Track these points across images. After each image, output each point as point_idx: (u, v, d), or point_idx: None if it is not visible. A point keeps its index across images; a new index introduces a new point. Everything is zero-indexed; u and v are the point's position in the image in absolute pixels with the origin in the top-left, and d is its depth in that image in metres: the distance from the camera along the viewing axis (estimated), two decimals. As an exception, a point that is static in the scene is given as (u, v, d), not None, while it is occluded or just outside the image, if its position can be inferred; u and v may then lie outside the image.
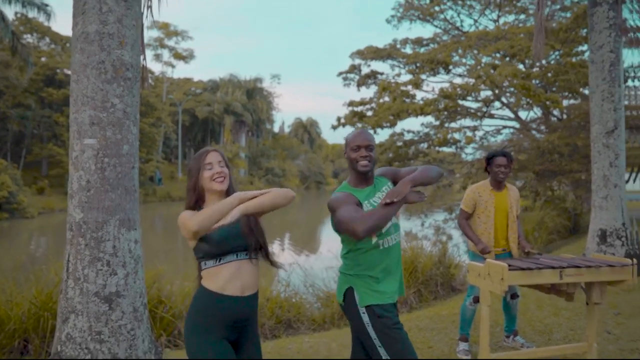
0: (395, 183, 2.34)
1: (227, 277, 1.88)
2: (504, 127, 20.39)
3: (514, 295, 3.70)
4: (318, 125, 65.47)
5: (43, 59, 34.08)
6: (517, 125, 19.65)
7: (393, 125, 18.64)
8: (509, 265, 2.86)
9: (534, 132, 19.16)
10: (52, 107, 33.33)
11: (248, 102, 48.03)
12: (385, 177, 2.35)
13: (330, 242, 7.44)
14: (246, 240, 1.91)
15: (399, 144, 20.20)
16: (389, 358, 2.05)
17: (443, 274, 7.49)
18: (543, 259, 3.19)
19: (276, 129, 61.94)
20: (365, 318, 2.14)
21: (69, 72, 22.78)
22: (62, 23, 76.57)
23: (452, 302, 6.49)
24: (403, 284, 2.32)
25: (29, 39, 33.44)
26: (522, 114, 20.36)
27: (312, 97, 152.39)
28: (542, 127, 19.33)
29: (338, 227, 2.12)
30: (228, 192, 2.01)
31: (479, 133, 19.91)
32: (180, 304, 4.79)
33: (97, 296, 2.39)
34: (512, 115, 20.26)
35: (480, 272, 3.05)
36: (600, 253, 6.48)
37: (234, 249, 1.90)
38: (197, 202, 1.98)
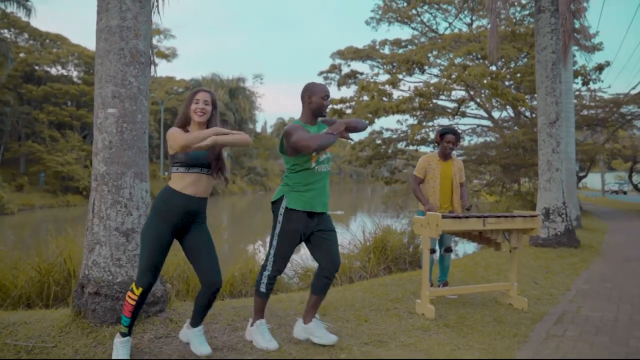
0: None
1: (189, 182, 2.57)
2: (478, 125, 21.45)
3: (448, 249, 4.45)
4: (299, 126, 65.97)
5: (22, 55, 33.67)
6: (491, 124, 20.68)
7: (371, 122, 19.45)
8: (443, 215, 3.62)
9: (506, 130, 20.20)
10: (31, 103, 32.97)
11: (230, 101, 48.33)
12: (325, 124, 3.07)
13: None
14: (209, 161, 2.61)
15: (378, 141, 21.04)
16: (275, 245, 2.89)
17: (412, 253, 8.26)
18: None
19: (258, 128, 62.39)
20: (281, 217, 2.89)
21: (49, 69, 22.80)
22: (42, 18, 75.46)
23: (416, 272, 7.28)
24: (327, 205, 3.01)
25: (6, 34, 32.88)
26: (496, 114, 21.49)
27: (294, 97, 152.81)
28: (515, 127, 20.41)
29: (294, 146, 2.80)
30: (208, 125, 2.65)
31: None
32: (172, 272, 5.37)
33: (117, 231, 3.06)
34: (486, 115, 21.34)
35: (422, 223, 3.80)
36: (544, 229, 7.38)
37: (200, 164, 2.58)
38: (184, 125, 2.64)
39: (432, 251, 4.33)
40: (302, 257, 7.48)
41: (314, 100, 2.95)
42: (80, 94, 33.50)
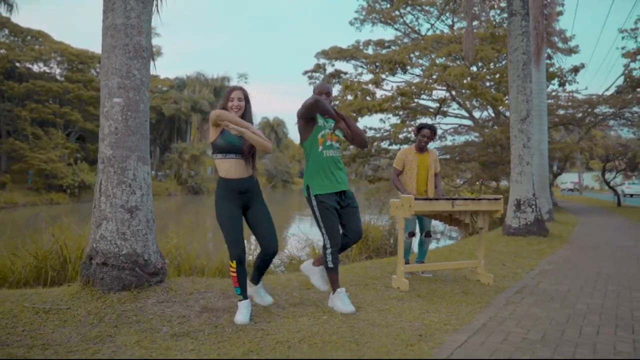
0: None
1: (228, 167, 3.05)
2: (460, 125, 22.07)
3: (428, 234, 4.85)
4: (285, 125, 66.38)
5: (2, 51, 33.18)
6: (472, 124, 21.30)
7: (355, 121, 19.87)
8: (415, 198, 4.03)
9: (485, 130, 20.81)
10: (13, 100, 32.54)
11: (215, 100, 48.33)
12: (332, 120, 3.51)
13: (297, 234, 8.51)
14: (243, 148, 3.07)
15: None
16: (323, 226, 3.33)
17: (392, 244, 8.68)
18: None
19: (243, 127, 62.28)
20: (314, 203, 3.36)
21: (31, 66, 22.62)
22: (24, 14, 74.12)
23: (395, 258, 7.72)
24: (346, 181, 3.50)
25: (-16, 30, 32.39)
26: (477, 114, 22.14)
27: (278, 97, 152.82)
28: (495, 127, 21.05)
29: (301, 111, 3.35)
30: (243, 117, 3.10)
31: (438, 132, 21.50)
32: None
33: (122, 208, 3.38)
34: (467, 115, 21.97)
35: (397, 205, 4.20)
36: (516, 219, 7.87)
37: (235, 151, 3.04)
38: None
39: (412, 234, 4.73)
40: (289, 248, 7.88)
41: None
42: (63, 91, 33.23)
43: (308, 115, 3.38)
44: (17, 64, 33.71)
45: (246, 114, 3.14)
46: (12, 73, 33.28)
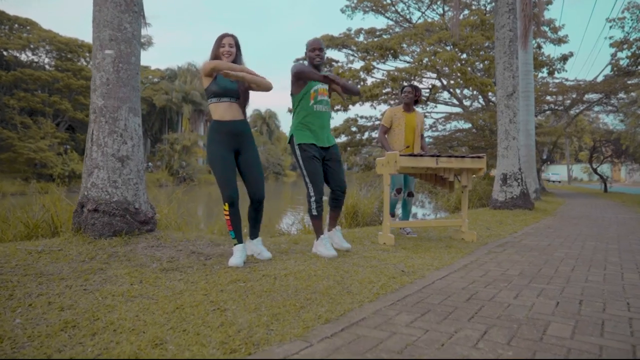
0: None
1: (223, 110, 3.12)
2: (451, 114, 22.24)
3: (410, 194, 4.98)
4: (277, 117, 66.25)
5: (-11, 39, 32.78)
6: (462, 111, 21.48)
7: (345, 108, 19.95)
8: (400, 154, 4.13)
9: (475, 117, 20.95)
10: (1, 89, 32.22)
11: (207, 90, 48.04)
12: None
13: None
14: (239, 92, 3.16)
15: (354, 129, 21.60)
16: (307, 174, 3.42)
17: (381, 220, 8.79)
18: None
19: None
20: (297, 151, 3.46)
21: (18, 54, 22.38)
22: (11, 2, 72.88)
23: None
24: (331, 137, 3.63)
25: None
26: (468, 104, 22.33)
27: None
28: (485, 116, 21.20)
29: (293, 74, 3.48)
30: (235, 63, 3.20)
31: (429, 121, 21.69)
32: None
33: (113, 157, 3.44)
34: (457, 103, 22.15)
35: (383, 163, 4.31)
36: (502, 193, 8.03)
37: (229, 94, 3.12)
38: None
39: (399, 191, 4.85)
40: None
41: (307, 53, 3.61)
42: (52, 80, 32.89)
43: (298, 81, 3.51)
44: (5, 52, 33.29)
45: (237, 61, 3.20)
46: (-1, 61, 32.91)
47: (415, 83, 19.05)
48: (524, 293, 2.42)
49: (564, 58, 20.20)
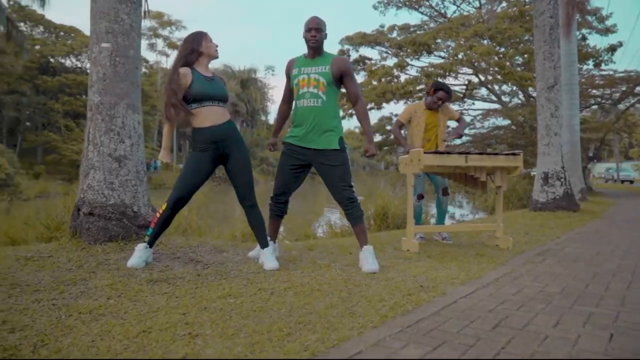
0: (340, 75, 3.09)
1: (204, 116, 2.86)
2: (489, 110, 21.29)
3: (445, 192, 4.50)
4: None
5: (37, 47, 34.32)
6: (500, 107, 20.52)
7: (379, 105, 19.44)
8: (425, 151, 3.71)
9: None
10: (47, 94, 33.66)
11: (242, 92, 48.54)
12: (334, 61, 3.08)
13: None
14: (220, 94, 2.93)
15: (388, 127, 21.05)
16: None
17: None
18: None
19: (271, 120, 62.53)
20: (283, 148, 3.19)
21: (63, 60, 23.31)
22: (57, 11, 76.43)
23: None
24: (327, 139, 3.05)
25: (22, 26, 33.62)
26: (507, 100, 21.32)
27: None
28: (525, 111, 20.21)
29: None
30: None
31: (467, 118, 20.86)
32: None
33: (110, 157, 3.22)
34: (495, 99, 21.19)
35: (406, 162, 3.91)
36: (543, 193, 7.41)
37: (212, 98, 2.88)
38: (191, 64, 2.91)
39: (421, 196, 4.41)
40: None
41: (304, 34, 3.11)
42: (94, 84, 34.01)
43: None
44: (51, 59, 34.77)
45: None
46: (46, 67, 34.36)
47: (451, 79, 18.36)
48: (566, 320, 1.98)
49: (612, 48, 18.85)
